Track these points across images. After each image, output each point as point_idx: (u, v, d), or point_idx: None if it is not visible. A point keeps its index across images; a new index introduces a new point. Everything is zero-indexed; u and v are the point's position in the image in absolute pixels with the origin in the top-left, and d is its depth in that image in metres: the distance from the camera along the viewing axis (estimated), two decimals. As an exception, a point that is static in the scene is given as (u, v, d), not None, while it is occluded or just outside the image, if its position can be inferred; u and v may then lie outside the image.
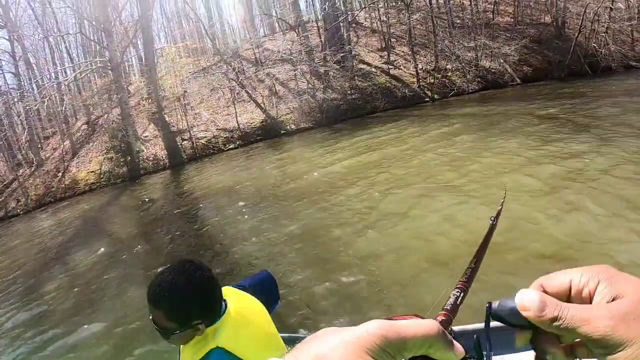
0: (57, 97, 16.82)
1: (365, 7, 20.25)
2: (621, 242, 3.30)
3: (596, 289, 0.30)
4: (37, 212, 13.12)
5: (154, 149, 14.86)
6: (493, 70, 16.29)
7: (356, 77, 16.48)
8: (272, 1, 24.26)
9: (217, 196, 8.27)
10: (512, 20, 18.86)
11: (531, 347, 0.34)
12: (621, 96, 9.99)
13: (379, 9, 18.80)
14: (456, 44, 16.85)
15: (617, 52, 15.84)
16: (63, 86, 17.74)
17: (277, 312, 1.50)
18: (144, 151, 14.69)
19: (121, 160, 14.53)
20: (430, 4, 18.03)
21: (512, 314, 0.32)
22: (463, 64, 16.34)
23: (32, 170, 15.44)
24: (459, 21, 18.80)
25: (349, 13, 18.04)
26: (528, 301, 0.31)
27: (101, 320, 4.18)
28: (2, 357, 3.99)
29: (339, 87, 16.07)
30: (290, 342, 1.38)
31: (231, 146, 14.70)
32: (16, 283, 6.25)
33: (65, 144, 16.18)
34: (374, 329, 0.26)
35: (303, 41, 17.39)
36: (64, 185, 14.19)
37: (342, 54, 16.52)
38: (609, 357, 0.28)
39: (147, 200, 9.98)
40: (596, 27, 16.24)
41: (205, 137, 14.99)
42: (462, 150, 7.25)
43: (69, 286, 5.48)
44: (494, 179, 5.40)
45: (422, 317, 0.33)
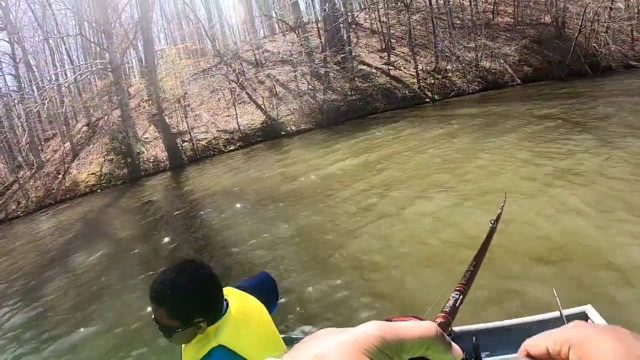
0: (58, 99, 16.82)
1: (365, 8, 20.26)
2: (619, 244, 3.27)
3: (568, 356, 0.30)
4: (37, 214, 13.11)
5: (154, 150, 14.86)
6: (493, 71, 16.29)
7: (356, 78, 16.48)
8: (272, 2, 24.28)
9: (217, 197, 8.26)
10: (512, 20, 18.87)
11: None
12: (622, 96, 9.98)
13: (378, 10, 18.80)
14: (456, 44, 16.85)
15: (617, 52, 15.85)
16: (63, 88, 17.77)
17: (275, 313, 1.49)
18: (144, 153, 14.69)
19: (122, 162, 14.53)
20: (430, 4, 18.05)
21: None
22: (463, 65, 16.34)
23: (33, 172, 15.44)
24: (458, 22, 18.81)
25: (348, 14, 18.05)
26: None
27: (101, 321, 4.18)
28: (2, 358, 3.98)
29: (339, 88, 16.07)
30: (289, 343, 1.38)
31: (231, 147, 14.70)
32: (16, 284, 6.24)
33: (65, 145, 16.18)
34: (372, 330, 0.26)
35: (303, 42, 17.39)
36: (64, 187, 14.19)
37: (342, 55, 16.52)
38: None
39: (147, 201, 9.97)
40: (596, 27, 16.25)
41: (206, 138, 14.98)
42: (462, 151, 7.24)
43: (69, 287, 5.47)
44: (492, 180, 5.39)
45: (421, 319, 0.33)
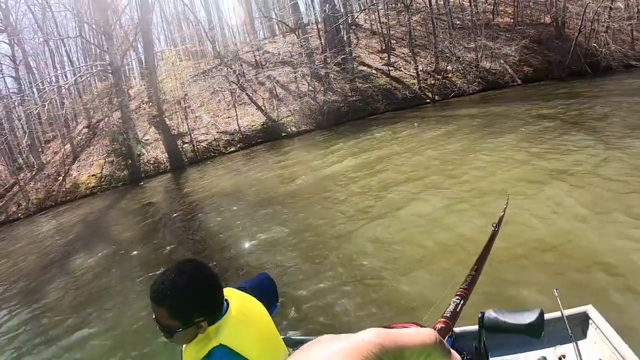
0: (58, 101, 16.83)
1: (365, 9, 20.27)
2: (617, 245, 3.23)
3: None
4: (37, 216, 13.10)
5: (154, 152, 14.85)
6: (493, 71, 16.29)
7: (357, 79, 16.48)
8: (272, 4, 24.31)
9: (217, 199, 8.25)
10: (512, 20, 18.87)
11: None
12: (622, 96, 9.97)
13: (378, 11, 18.81)
14: (456, 45, 16.84)
15: (617, 52, 15.86)
16: (63, 90, 17.77)
17: (275, 314, 1.48)
18: (144, 154, 14.68)
19: (122, 163, 14.52)
20: (430, 5, 18.07)
21: (506, 321, 0.31)
22: (463, 65, 16.34)
23: (33, 174, 15.44)
24: (458, 22, 18.81)
25: (348, 15, 18.06)
26: None
27: (101, 322, 4.17)
28: (2, 358, 3.98)
29: (339, 89, 16.07)
30: (290, 344, 1.38)
31: (232, 149, 14.69)
32: (17, 286, 6.23)
33: (66, 147, 16.18)
34: (370, 337, 0.26)
35: (303, 43, 17.40)
36: (64, 189, 14.18)
37: (342, 56, 16.52)
38: None
39: (148, 203, 9.96)
40: (596, 27, 16.26)
41: (206, 140, 14.98)
42: (461, 152, 7.22)
43: (69, 289, 5.46)
44: (491, 181, 5.36)
45: (421, 325, 0.33)
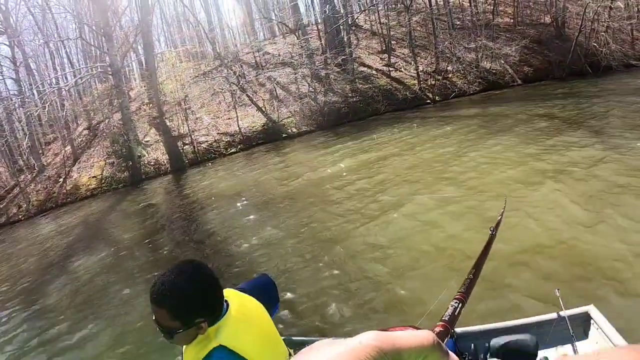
0: (58, 103, 16.81)
1: (365, 10, 20.27)
2: (616, 247, 3.22)
3: None
4: (38, 217, 13.09)
5: (155, 153, 14.84)
6: (494, 71, 16.28)
7: (357, 80, 16.47)
8: (272, 5, 24.32)
9: (217, 200, 8.24)
10: (512, 20, 18.87)
11: None
12: (622, 95, 9.97)
13: (378, 12, 18.81)
14: (456, 45, 16.83)
15: (617, 51, 15.84)
16: (64, 91, 17.77)
17: (275, 316, 1.48)
18: (145, 156, 14.67)
19: (122, 165, 14.51)
20: (430, 5, 18.06)
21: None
22: (464, 65, 16.33)
23: (34, 175, 15.43)
24: (458, 22, 18.81)
25: (349, 16, 18.05)
26: None
27: (101, 324, 4.17)
28: (2, 358, 3.99)
29: (340, 90, 16.05)
30: (289, 344, 1.37)
31: (233, 150, 14.68)
32: (17, 288, 6.23)
33: (66, 149, 16.17)
34: (368, 340, 0.26)
35: (303, 44, 17.39)
36: (65, 191, 14.17)
37: (342, 57, 16.52)
38: None
39: (148, 205, 9.95)
40: (596, 27, 16.25)
41: (207, 141, 14.97)
42: (461, 153, 7.21)
43: (70, 290, 5.46)
44: (491, 183, 5.35)
45: (418, 329, 0.33)
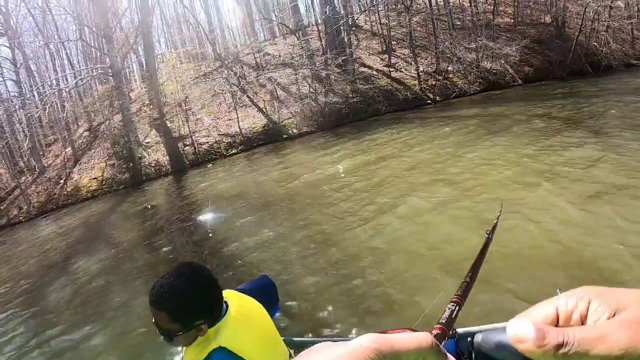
0: (58, 104, 16.82)
1: (365, 10, 20.28)
2: (615, 248, 3.20)
3: (588, 309, 0.27)
4: (39, 219, 13.09)
5: (156, 155, 14.84)
6: (494, 71, 16.28)
7: (357, 81, 16.47)
8: (272, 6, 24.33)
9: (217, 201, 8.23)
10: (512, 20, 18.88)
11: None
12: (622, 95, 9.96)
13: (378, 12, 18.82)
14: (457, 45, 16.84)
15: (617, 51, 15.85)
16: (64, 93, 17.78)
17: (275, 317, 1.48)
18: (146, 157, 14.67)
19: (123, 166, 14.51)
20: (430, 5, 18.07)
21: (500, 347, 0.30)
22: (464, 66, 16.33)
23: (34, 177, 15.43)
24: (459, 23, 18.81)
25: (349, 16, 18.06)
26: (523, 332, 0.26)
27: (101, 325, 4.15)
28: (2, 358, 3.98)
29: (340, 91, 16.05)
30: (289, 345, 1.38)
31: (233, 151, 14.67)
32: (17, 289, 6.21)
33: (67, 150, 16.18)
34: (367, 342, 0.26)
35: (304, 45, 17.39)
36: (66, 192, 14.17)
37: (343, 58, 16.51)
38: None
39: (149, 207, 9.94)
40: (596, 26, 16.26)
41: (207, 142, 14.97)
42: (461, 153, 7.18)
43: (70, 292, 5.45)
44: (490, 184, 5.32)
45: (416, 331, 0.33)
